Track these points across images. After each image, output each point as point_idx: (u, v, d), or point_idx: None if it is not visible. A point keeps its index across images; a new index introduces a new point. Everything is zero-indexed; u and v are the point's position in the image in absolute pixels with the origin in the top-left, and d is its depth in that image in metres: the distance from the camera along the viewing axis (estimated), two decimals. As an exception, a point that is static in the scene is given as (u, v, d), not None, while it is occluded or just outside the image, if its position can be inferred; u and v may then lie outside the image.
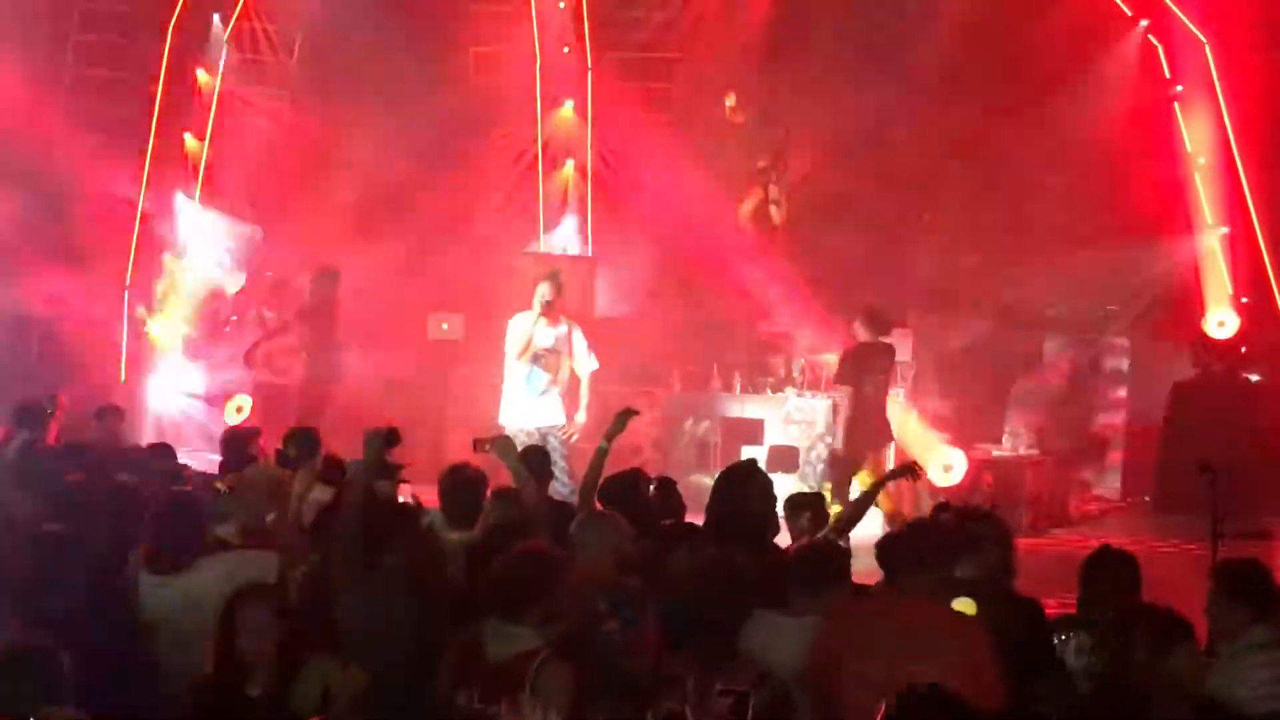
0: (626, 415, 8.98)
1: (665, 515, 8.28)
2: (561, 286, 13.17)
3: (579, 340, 13.21)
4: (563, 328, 13.14)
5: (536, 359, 13.03)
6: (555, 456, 11.99)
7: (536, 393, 13.07)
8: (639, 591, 6.09)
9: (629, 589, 6.13)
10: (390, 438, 7.31)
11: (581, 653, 5.78)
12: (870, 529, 9.30)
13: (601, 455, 8.61)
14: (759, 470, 8.21)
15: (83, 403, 14.13)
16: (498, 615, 5.89)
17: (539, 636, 5.81)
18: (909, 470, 9.26)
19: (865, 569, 7.01)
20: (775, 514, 8.09)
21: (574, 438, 13.02)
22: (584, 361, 13.20)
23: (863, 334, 14.72)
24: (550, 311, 13.01)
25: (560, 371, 13.12)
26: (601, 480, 8.48)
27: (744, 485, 7.91)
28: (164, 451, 10.77)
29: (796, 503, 8.91)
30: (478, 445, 8.78)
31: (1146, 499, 17.62)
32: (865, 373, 14.54)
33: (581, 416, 13.05)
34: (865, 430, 14.44)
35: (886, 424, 14.75)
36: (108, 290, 17.77)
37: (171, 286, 18.16)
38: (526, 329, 13.01)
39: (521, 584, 5.91)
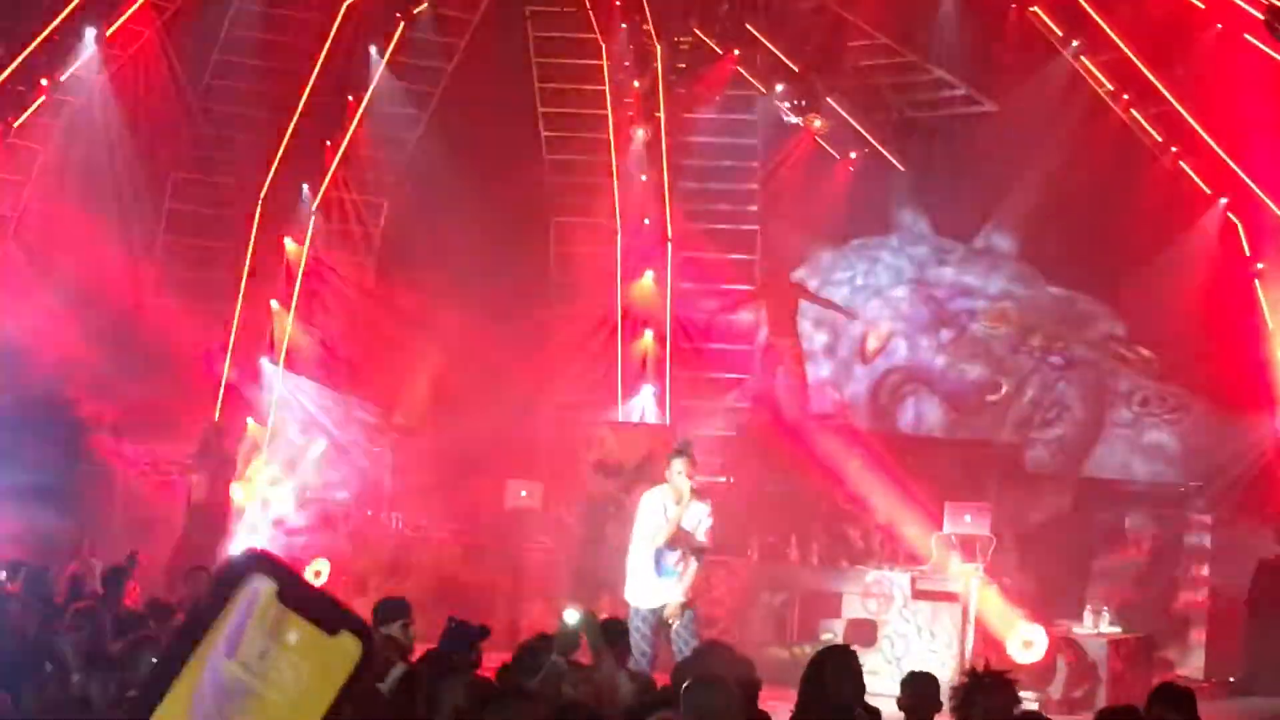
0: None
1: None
2: (694, 460, 11.80)
3: (705, 520, 11.74)
4: (702, 505, 11.77)
5: (671, 540, 11.71)
6: (660, 634, 11.71)
7: (663, 573, 11.71)
8: None
9: None
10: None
11: None
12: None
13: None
14: (851, 657, 7.61)
15: (164, 560, 14.30)
16: None
17: None
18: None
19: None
20: (862, 704, 7.44)
21: (674, 622, 11.57)
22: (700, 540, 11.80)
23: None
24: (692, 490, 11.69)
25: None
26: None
27: (833, 673, 7.34)
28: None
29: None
30: (565, 614, 8.82)
31: (1231, 679, 17.25)
32: None
33: (679, 596, 11.64)
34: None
35: None
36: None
37: (254, 450, 18.32)
38: (674, 514, 11.62)
39: None
